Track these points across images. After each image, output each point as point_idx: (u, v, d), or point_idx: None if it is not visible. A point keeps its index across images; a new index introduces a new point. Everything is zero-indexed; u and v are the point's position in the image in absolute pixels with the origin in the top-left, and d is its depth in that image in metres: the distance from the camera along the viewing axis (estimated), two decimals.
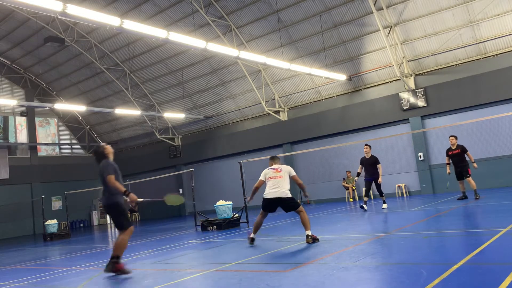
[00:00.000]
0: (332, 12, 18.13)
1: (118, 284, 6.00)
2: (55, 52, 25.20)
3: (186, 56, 22.91)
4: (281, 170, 8.05)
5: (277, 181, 7.88)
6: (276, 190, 7.79)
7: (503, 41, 15.96)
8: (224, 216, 12.53)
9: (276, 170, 8.07)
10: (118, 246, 6.38)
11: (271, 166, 8.30)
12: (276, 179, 7.93)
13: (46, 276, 7.31)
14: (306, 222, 7.51)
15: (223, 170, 24.60)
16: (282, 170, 8.07)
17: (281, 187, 7.78)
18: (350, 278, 4.67)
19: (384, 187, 18.10)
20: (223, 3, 19.52)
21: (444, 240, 6.46)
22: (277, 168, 8.13)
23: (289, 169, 8.19)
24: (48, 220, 18.31)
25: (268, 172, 8.13)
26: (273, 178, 7.97)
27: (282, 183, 7.83)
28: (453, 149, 12.30)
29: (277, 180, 7.88)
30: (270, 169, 8.16)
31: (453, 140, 12.41)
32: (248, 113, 23.65)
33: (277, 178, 7.92)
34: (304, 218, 7.56)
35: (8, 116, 27.23)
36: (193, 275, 5.83)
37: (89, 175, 29.70)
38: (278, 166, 8.20)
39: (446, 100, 17.03)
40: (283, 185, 7.80)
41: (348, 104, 19.84)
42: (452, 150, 12.31)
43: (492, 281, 3.78)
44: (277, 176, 7.93)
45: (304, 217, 7.56)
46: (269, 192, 7.86)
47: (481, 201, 11.36)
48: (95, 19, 10.44)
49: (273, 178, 7.97)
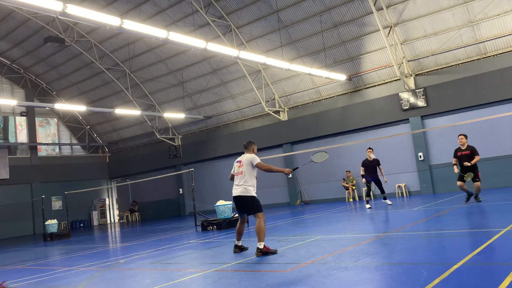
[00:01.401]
0: (332, 12, 18.13)
1: (118, 284, 6.00)
2: (55, 52, 25.21)
3: (186, 56, 22.91)
4: (242, 165, 7.03)
5: (238, 177, 7.00)
6: (236, 187, 6.98)
7: (503, 41, 15.96)
8: (224, 216, 12.54)
9: (239, 164, 7.09)
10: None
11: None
12: (238, 175, 7.03)
13: (46, 276, 7.31)
14: (260, 232, 6.55)
15: (223, 170, 24.57)
16: (243, 163, 7.03)
17: (242, 184, 6.90)
18: (350, 278, 4.67)
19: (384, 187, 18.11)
20: (223, 3, 19.52)
21: (444, 240, 6.46)
22: (240, 160, 7.12)
23: (251, 158, 7.00)
24: (48, 220, 18.30)
25: (234, 166, 7.23)
26: (236, 174, 7.09)
27: (244, 178, 6.91)
28: (462, 149, 10.91)
29: (239, 176, 7.00)
30: (236, 162, 7.21)
31: (463, 139, 10.95)
32: (248, 113, 23.65)
33: (239, 174, 7.02)
34: (259, 226, 6.58)
35: (8, 116, 27.23)
36: (193, 275, 5.83)
37: (89, 175, 29.77)
38: (241, 158, 7.15)
39: (446, 100, 17.03)
40: (244, 180, 6.90)
41: (348, 104, 19.84)
42: (462, 151, 10.90)
43: (492, 281, 3.78)
44: (239, 172, 7.02)
45: (259, 226, 6.58)
46: (233, 189, 7.07)
47: (481, 201, 11.35)
48: (95, 19, 10.44)
49: (236, 174, 7.09)
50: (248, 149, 7.26)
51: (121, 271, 6.95)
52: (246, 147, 7.29)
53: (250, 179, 6.93)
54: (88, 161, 30.81)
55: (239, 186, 6.93)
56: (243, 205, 6.95)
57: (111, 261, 8.34)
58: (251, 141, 7.33)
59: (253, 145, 7.30)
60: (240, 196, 6.90)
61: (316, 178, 20.64)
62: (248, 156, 7.07)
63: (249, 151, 7.24)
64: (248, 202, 6.88)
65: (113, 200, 31.95)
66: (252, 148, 7.26)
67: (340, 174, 19.89)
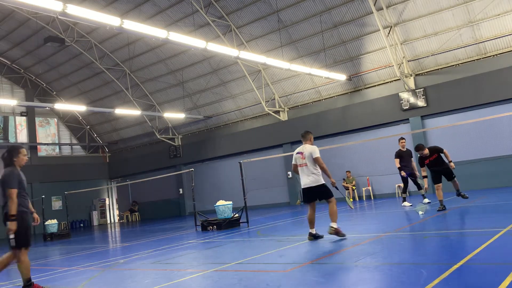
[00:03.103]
0: (332, 12, 18.13)
1: (118, 284, 6.00)
2: (55, 52, 25.20)
3: (186, 56, 22.91)
4: (304, 157, 7.33)
5: (304, 168, 7.33)
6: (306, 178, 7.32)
7: (503, 41, 15.96)
8: (224, 216, 12.53)
9: (301, 156, 7.38)
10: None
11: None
12: (303, 166, 7.35)
13: (46, 276, 7.31)
14: (334, 214, 7.26)
15: (223, 170, 24.60)
16: (305, 155, 7.34)
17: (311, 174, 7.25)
18: (350, 278, 4.67)
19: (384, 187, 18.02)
20: (223, 3, 19.52)
21: (444, 240, 6.46)
22: (301, 152, 7.40)
23: (312, 150, 7.33)
24: (48, 220, 18.31)
25: (295, 157, 7.50)
26: (300, 166, 7.39)
27: (309, 169, 7.28)
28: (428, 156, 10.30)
29: (304, 168, 7.33)
30: (297, 154, 7.50)
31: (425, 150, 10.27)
32: (248, 113, 23.65)
33: (303, 165, 7.34)
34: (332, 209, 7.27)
35: (8, 116, 27.23)
36: (193, 275, 5.83)
37: (89, 175, 29.76)
38: (302, 149, 7.42)
39: (446, 100, 17.03)
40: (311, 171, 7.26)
41: (348, 104, 19.84)
42: (428, 158, 10.32)
43: (492, 281, 3.78)
44: (303, 164, 7.33)
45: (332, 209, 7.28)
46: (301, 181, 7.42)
47: (481, 201, 11.35)
48: (95, 19, 10.44)
49: (300, 166, 7.39)
50: (306, 139, 7.49)
51: (121, 271, 6.95)
52: (304, 136, 7.52)
53: (315, 168, 7.25)
54: (88, 161, 30.80)
55: (308, 177, 7.25)
56: (315, 194, 7.34)
57: (111, 261, 8.34)
58: (308, 131, 7.63)
59: (310, 135, 7.58)
60: (312, 187, 7.25)
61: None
62: (308, 148, 7.35)
63: (307, 140, 7.48)
64: (320, 189, 7.29)
65: (113, 200, 31.95)
66: (309, 138, 7.52)
67: (340, 174, 19.87)
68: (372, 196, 18.76)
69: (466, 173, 16.05)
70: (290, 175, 21.51)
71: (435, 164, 10.37)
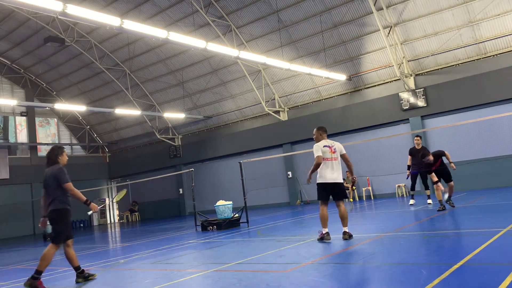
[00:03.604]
0: (332, 12, 18.13)
1: (118, 284, 6.00)
2: (55, 52, 25.20)
3: (186, 56, 22.91)
4: (335, 151, 7.28)
5: (334, 163, 7.19)
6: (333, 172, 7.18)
7: (503, 41, 15.96)
8: (224, 216, 12.53)
9: (331, 150, 7.26)
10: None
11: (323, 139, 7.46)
12: (332, 160, 7.20)
13: (46, 276, 7.30)
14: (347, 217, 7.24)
15: (223, 170, 24.60)
16: (336, 149, 7.30)
17: (339, 170, 7.21)
18: (350, 278, 4.67)
19: (384, 187, 18.03)
20: (223, 3, 19.52)
21: (444, 240, 6.46)
22: (331, 146, 7.31)
23: (341, 147, 7.45)
24: None
25: (324, 151, 7.26)
26: (330, 160, 7.20)
27: (339, 165, 7.24)
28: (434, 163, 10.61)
29: (334, 162, 7.20)
30: (326, 147, 7.29)
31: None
32: (248, 113, 23.65)
33: (333, 159, 7.21)
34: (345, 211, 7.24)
35: (8, 116, 27.23)
36: (193, 275, 5.83)
37: (89, 175, 29.75)
38: (331, 143, 7.37)
39: (446, 100, 17.03)
40: (339, 167, 7.24)
41: (348, 104, 19.84)
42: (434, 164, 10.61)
43: (492, 281, 3.78)
44: (333, 158, 7.22)
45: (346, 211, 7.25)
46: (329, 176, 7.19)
47: (481, 201, 11.35)
48: (95, 19, 10.44)
49: (330, 160, 7.20)
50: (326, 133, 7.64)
51: (121, 271, 6.95)
52: (326, 131, 7.68)
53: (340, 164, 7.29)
54: (88, 161, 30.79)
55: (337, 172, 7.18)
56: (339, 191, 7.24)
57: (111, 261, 8.34)
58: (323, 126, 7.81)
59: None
60: (339, 183, 7.20)
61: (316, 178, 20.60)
62: (337, 144, 7.43)
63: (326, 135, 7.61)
64: (343, 187, 7.33)
65: (113, 200, 31.94)
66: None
67: None
68: (372, 196, 18.76)
69: (466, 173, 16.08)
70: (290, 175, 21.51)
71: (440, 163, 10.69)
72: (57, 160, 6.24)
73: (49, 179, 6.08)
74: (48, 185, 6.09)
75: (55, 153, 6.25)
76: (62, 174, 6.06)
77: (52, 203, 6.04)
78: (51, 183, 6.06)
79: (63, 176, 6.04)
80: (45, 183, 6.14)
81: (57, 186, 6.02)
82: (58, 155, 6.26)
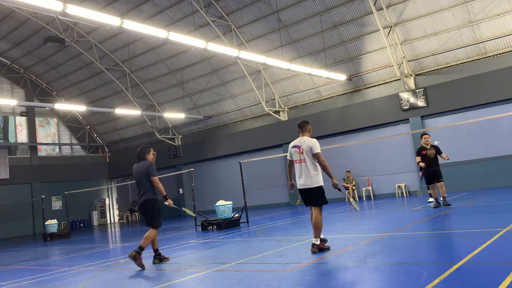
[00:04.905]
0: (332, 12, 18.13)
1: (118, 284, 6.01)
2: (55, 52, 25.21)
3: (186, 56, 22.91)
4: (302, 151, 6.21)
5: (301, 165, 6.23)
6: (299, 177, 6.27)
7: (503, 41, 15.96)
8: (224, 216, 12.53)
9: (298, 150, 6.26)
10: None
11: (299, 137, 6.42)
12: (299, 163, 6.25)
13: (46, 276, 7.31)
14: (319, 227, 6.15)
15: (223, 170, 24.60)
16: (303, 149, 6.21)
17: (306, 173, 6.17)
18: (350, 278, 4.67)
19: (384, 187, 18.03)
20: (223, 3, 19.52)
21: (444, 240, 6.46)
22: (298, 146, 6.28)
23: (312, 144, 6.19)
24: (48, 220, 18.31)
25: (291, 152, 6.40)
26: (297, 162, 6.30)
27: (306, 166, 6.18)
28: (427, 148, 10.88)
29: (301, 165, 6.22)
30: (294, 147, 6.36)
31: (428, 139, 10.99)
32: (248, 113, 23.65)
33: (299, 161, 6.24)
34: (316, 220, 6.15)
35: (8, 116, 27.23)
36: (193, 275, 5.83)
37: (89, 175, 29.77)
38: (300, 142, 6.31)
39: (446, 100, 17.03)
40: (308, 168, 6.17)
41: (348, 104, 19.84)
42: (426, 150, 10.87)
43: (492, 281, 3.78)
44: (300, 160, 6.23)
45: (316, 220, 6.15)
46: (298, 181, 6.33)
47: (481, 201, 11.35)
48: (95, 19, 10.44)
49: (297, 162, 6.30)
50: (305, 130, 6.39)
51: (121, 271, 6.95)
52: (302, 127, 6.41)
53: (313, 166, 6.15)
54: (88, 161, 30.80)
55: (306, 176, 6.17)
56: (308, 197, 6.28)
57: (111, 261, 8.34)
58: (306, 120, 6.53)
59: (309, 125, 6.47)
60: (307, 188, 6.20)
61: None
62: (308, 141, 6.23)
63: (305, 132, 6.38)
64: (313, 192, 6.17)
65: (113, 200, 31.95)
66: (308, 129, 6.42)
67: (340, 174, 19.86)
68: (372, 196, 18.76)
69: (466, 173, 16.09)
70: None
71: (432, 164, 10.72)
72: (145, 157, 7.36)
73: (140, 173, 7.13)
74: (139, 178, 7.13)
75: (144, 151, 7.44)
76: (152, 168, 7.07)
77: (144, 194, 7.02)
78: (142, 177, 7.09)
79: (152, 170, 7.05)
80: (136, 177, 7.20)
81: (148, 179, 7.01)
82: (146, 153, 7.42)
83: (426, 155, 10.77)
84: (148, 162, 7.22)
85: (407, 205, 13.38)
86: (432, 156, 10.77)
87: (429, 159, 10.72)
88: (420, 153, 10.86)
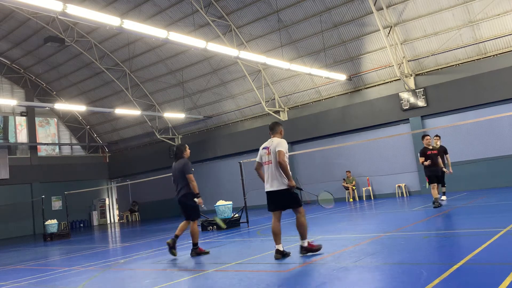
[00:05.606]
0: (332, 12, 18.13)
1: (118, 284, 6.00)
2: (55, 52, 25.21)
3: (186, 56, 22.91)
4: (270, 152, 6.01)
5: (269, 167, 6.02)
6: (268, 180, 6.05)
7: (503, 41, 15.96)
8: (224, 216, 12.53)
9: (267, 151, 6.07)
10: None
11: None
12: (267, 164, 6.04)
13: (46, 276, 7.31)
14: (303, 228, 5.92)
15: (223, 170, 24.60)
16: (270, 150, 6.01)
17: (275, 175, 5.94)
18: (350, 278, 4.67)
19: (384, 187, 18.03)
20: (223, 3, 19.52)
21: (444, 240, 6.46)
22: (267, 147, 6.10)
23: (277, 143, 5.98)
24: (48, 220, 18.31)
25: (260, 154, 6.21)
26: (265, 164, 6.09)
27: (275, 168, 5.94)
28: (430, 149, 11.07)
29: (269, 167, 6.02)
30: (264, 149, 6.17)
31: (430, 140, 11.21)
32: (248, 113, 23.65)
33: (267, 163, 6.04)
34: (299, 222, 5.93)
35: (8, 116, 27.23)
36: (193, 275, 5.83)
37: (89, 175, 29.77)
38: (268, 144, 6.12)
39: (446, 100, 17.03)
40: (277, 170, 5.93)
41: (348, 104, 19.84)
42: (430, 150, 11.04)
43: (492, 281, 3.78)
44: (268, 161, 6.04)
45: (299, 222, 5.93)
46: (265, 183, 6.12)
47: (481, 201, 11.35)
48: (95, 19, 10.45)
49: (265, 164, 6.09)
50: (275, 131, 6.22)
51: (121, 271, 6.95)
52: (273, 129, 6.25)
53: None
54: (88, 161, 30.80)
55: (273, 178, 5.92)
56: (278, 200, 5.95)
57: (111, 261, 8.34)
58: (277, 122, 6.37)
59: (280, 127, 6.29)
60: (274, 191, 5.92)
61: (316, 178, 20.62)
62: (275, 141, 6.04)
63: (275, 133, 6.20)
64: (283, 195, 5.89)
65: (113, 200, 31.95)
66: (279, 130, 6.23)
67: (340, 174, 19.88)
68: (372, 196, 18.76)
69: (466, 173, 16.09)
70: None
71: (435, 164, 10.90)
72: (183, 155, 7.61)
73: (178, 171, 7.46)
74: (176, 175, 7.49)
75: (181, 149, 7.68)
76: (188, 166, 7.41)
77: (182, 190, 7.41)
78: (179, 174, 7.43)
79: (188, 168, 7.39)
80: (174, 174, 7.55)
81: (184, 176, 7.35)
82: (183, 151, 7.66)
83: (430, 155, 10.88)
84: (185, 160, 7.53)
85: (407, 205, 13.38)
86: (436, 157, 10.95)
87: (433, 159, 10.86)
88: (425, 154, 10.90)
